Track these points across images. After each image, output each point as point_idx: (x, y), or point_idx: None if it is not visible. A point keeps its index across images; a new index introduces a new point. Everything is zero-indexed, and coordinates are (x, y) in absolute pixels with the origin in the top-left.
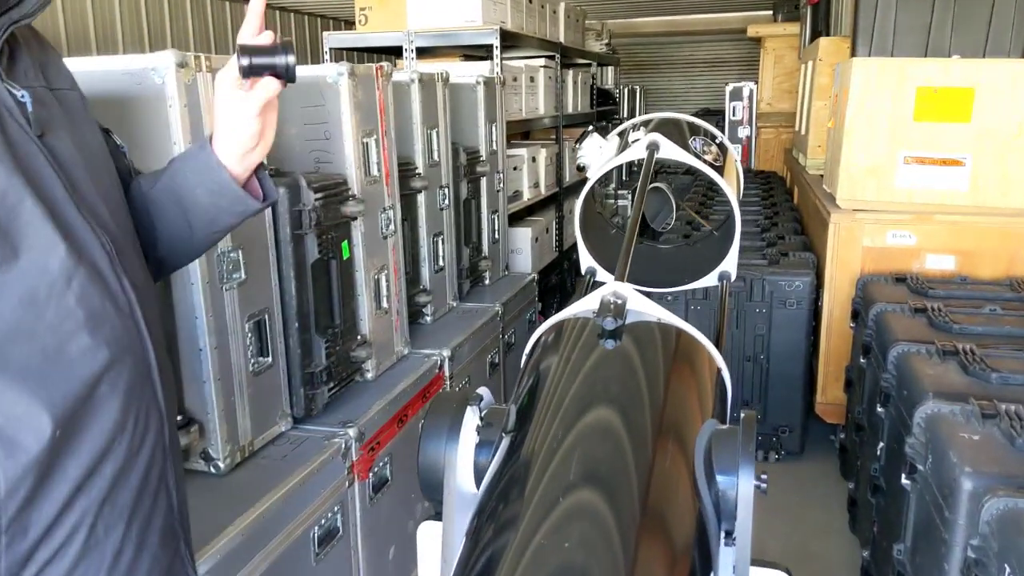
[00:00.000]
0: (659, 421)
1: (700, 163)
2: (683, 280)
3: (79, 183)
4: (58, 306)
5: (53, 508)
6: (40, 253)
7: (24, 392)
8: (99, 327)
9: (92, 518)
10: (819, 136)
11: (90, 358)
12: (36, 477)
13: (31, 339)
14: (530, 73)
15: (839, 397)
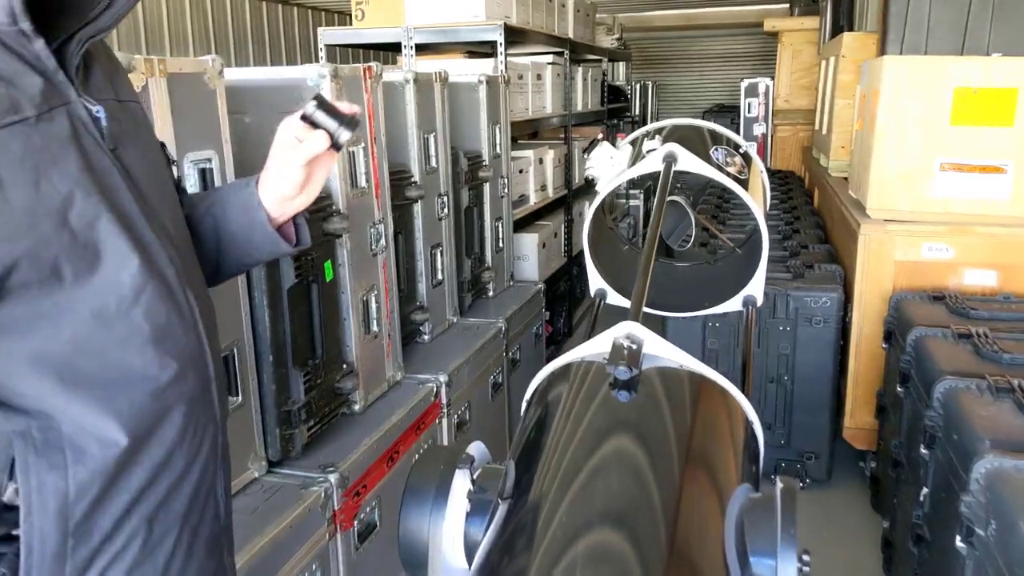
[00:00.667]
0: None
1: (724, 177)
2: (702, 303)
3: (148, 197)
4: (127, 320)
5: (115, 515)
6: (114, 268)
7: (94, 404)
8: (164, 341)
9: (148, 526)
10: (842, 136)
11: (156, 371)
12: (102, 485)
13: (101, 353)
14: (537, 70)
15: (869, 422)
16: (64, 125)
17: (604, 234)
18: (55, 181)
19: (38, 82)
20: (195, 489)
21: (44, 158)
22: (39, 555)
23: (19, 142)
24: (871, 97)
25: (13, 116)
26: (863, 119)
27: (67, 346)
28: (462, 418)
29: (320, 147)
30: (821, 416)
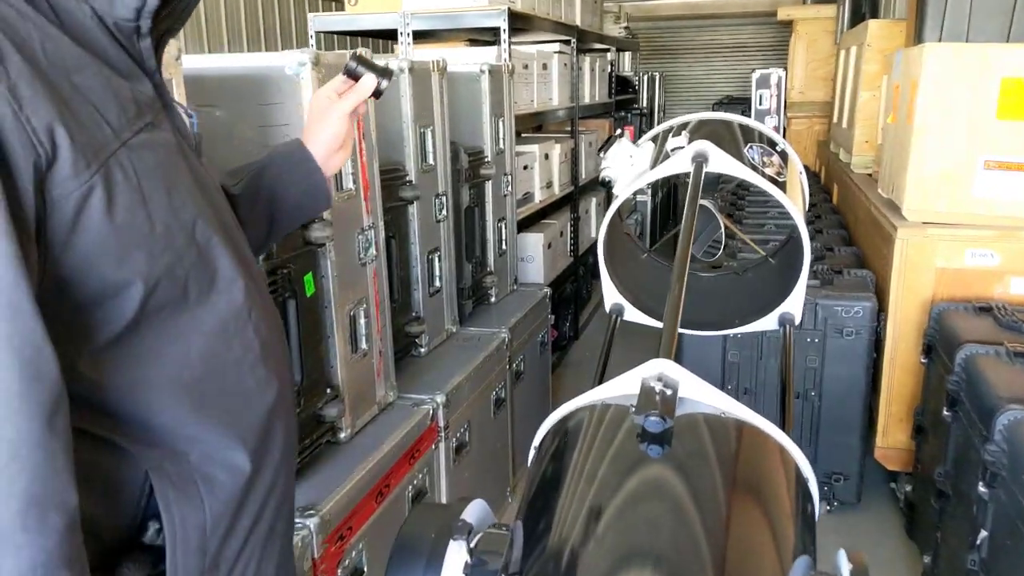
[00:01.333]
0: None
1: (762, 180)
2: (730, 320)
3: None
4: (242, 338)
5: (238, 543)
6: (227, 284)
7: (221, 429)
8: (269, 358)
9: (260, 550)
10: (867, 131)
11: (266, 390)
12: (231, 513)
13: (222, 374)
14: (543, 59)
15: (903, 441)
16: (169, 133)
17: (620, 242)
18: (182, 193)
19: (148, 84)
20: (291, 507)
21: (169, 168)
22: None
23: (149, 151)
24: (908, 88)
25: (140, 121)
26: (896, 113)
27: (198, 368)
28: (461, 440)
29: (368, 90)
30: (851, 434)
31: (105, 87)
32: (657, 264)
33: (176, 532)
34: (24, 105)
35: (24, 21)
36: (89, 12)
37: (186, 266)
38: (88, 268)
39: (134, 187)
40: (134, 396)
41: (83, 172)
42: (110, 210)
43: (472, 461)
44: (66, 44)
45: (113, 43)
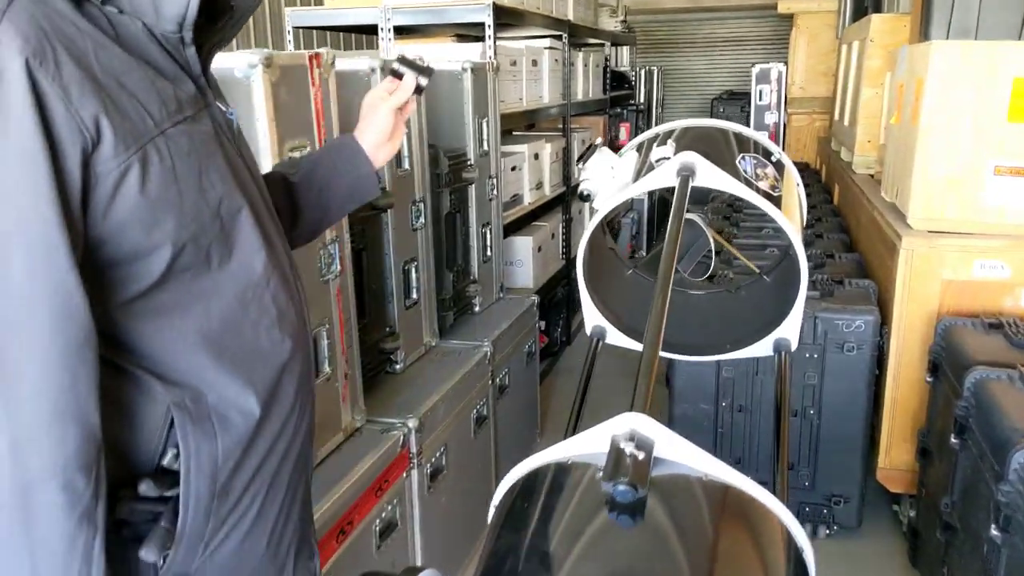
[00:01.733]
0: None
1: (754, 195)
2: (721, 343)
3: (263, 192)
4: (259, 304)
5: (246, 477)
6: (248, 256)
7: (236, 377)
8: (284, 322)
9: (266, 488)
10: (869, 130)
11: (279, 349)
12: (241, 450)
13: (239, 332)
14: (532, 56)
15: (907, 462)
16: (208, 125)
17: (603, 258)
18: (212, 175)
19: (191, 85)
20: (298, 457)
21: (202, 154)
22: (193, 512)
23: (185, 139)
24: (912, 87)
25: (180, 116)
26: (900, 113)
27: (217, 324)
28: (437, 465)
29: (410, 88)
30: (852, 455)
31: (150, 87)
32: (643, 281)
33: (191, 459)
34: (74, 101)
35: (82, 35)
36: (141, 26)
37: (210, 236)
38: (124, 231)
39: (168, 168)
40: (162, 342)
41: (122, 154)
42: (144, 185)
43: (450, 486)
44: (117, 52)
45: (161, 51)
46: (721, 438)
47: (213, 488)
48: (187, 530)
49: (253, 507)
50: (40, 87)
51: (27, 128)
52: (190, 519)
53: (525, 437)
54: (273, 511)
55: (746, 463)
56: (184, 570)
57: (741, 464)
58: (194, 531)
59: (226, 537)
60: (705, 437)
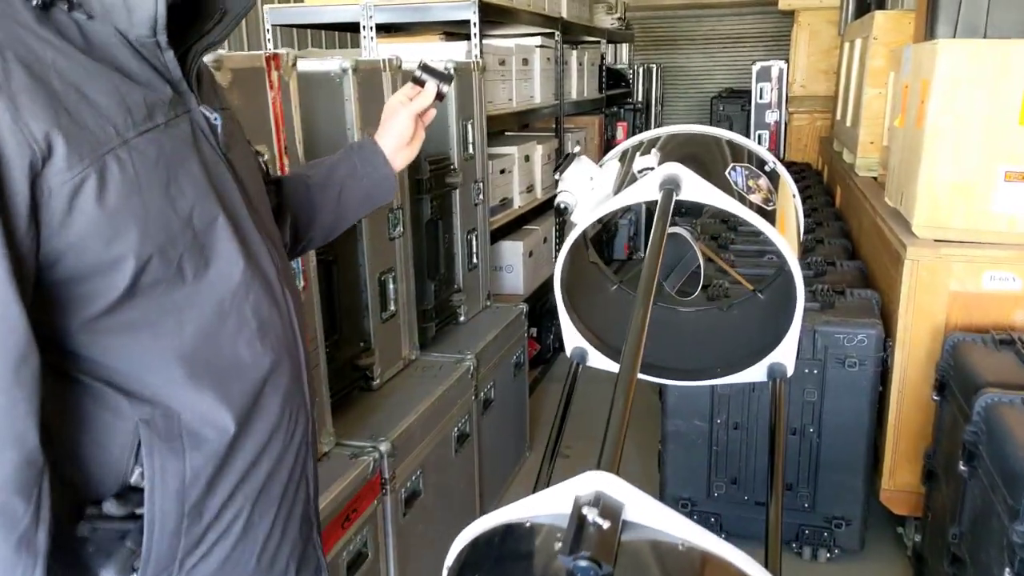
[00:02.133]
0: None
1: (744, 210)
2: (712, 367)
3: (252, 197)
4: (238, 315)
5: (223, 496)
6: (226, 265)
7: (209, 392)
8: (267, 334)
9: (251, 506)
10: (872, 131)
11: (259, 362)
12: (213, 468)
13: (216, 346)
14: (523, 54)
15: (911, 483)
16: (186, 131)
17: (584, 273)
18: (182, 184)
19: (168, 90)
20: (290, 472)
21: (173, 162)
22: (159, 532)
23: (154, 148)
24: (917, 89)
25: (149, 123)
26: (905, 115)
27: (191, 339)
28: (413, 489)
29: (431, 94)
30: (854, 475)
31: (115, 95)
32: (628, 297)
33: (155, 477)
34: (23, 113)
35: (42, 45)
36: (113, 31)
37: (180, 247)
38: (83, 244)
39: (130, 178)
40: (130, 358)
41: (76, 165)
42: (102, 196)
43: (427, 511)
44: (81, 61)
45: (135, 56)
46: (716, 457)
47: (181, 508)
48: (153, 550)
49: (236, 524)
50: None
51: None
52: (155, 539)
53: (513, 453)
54: (263, 528)
55: (742, 483)
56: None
57: (737, 484)
58: (161, 552)
59: (206, 555)
60: (699, 455)
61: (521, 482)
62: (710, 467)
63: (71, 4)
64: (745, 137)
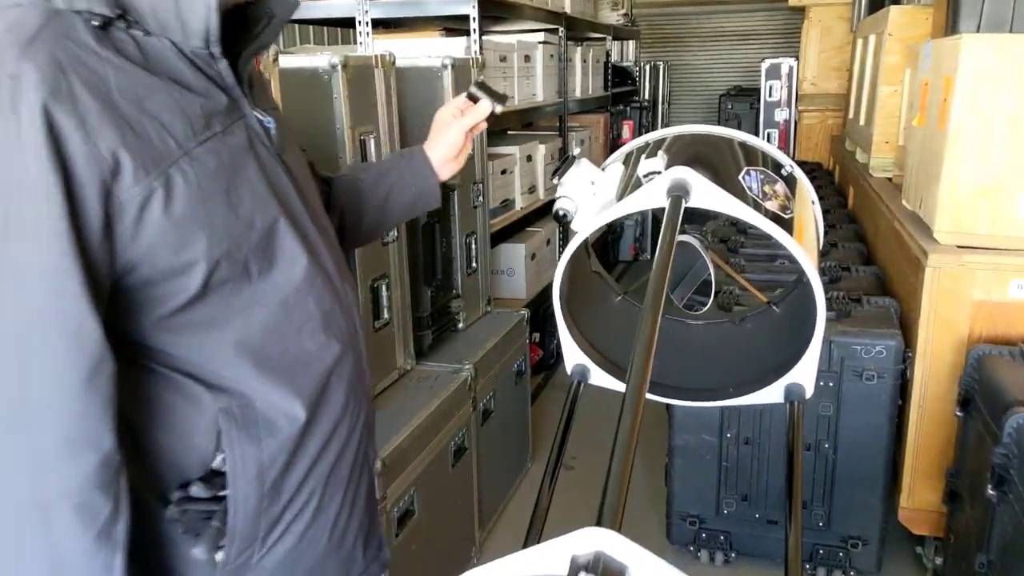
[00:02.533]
0: None
1: (760, 218)
2: (726, 383)
3: (308, 196)
4: (302, 309)
5: (297, 478)
6: (289, 264)
7: (279, 383)
8: (330, 326)
9: (322, 487)
10: (887, 130)
11: (324, 353)
12: (288, 453)
13: (282, 339)
14: (525, 51)
15: (932, 502)
16: (242, 137)
17: (586, 283)
18: (241, 190)
19: (223, 98)
20: (355, 455)
21: (232, 169)
22: (243, 512)
23: (213, 157)
24: (939, 87)
25: (207, 132)
26: (924, 114)
27: (259, 334)
28: (406, 509)
29: (484, 113)
30: (871, 493)
31: (175, 108)
32: (633, 309)
33: (236, 462)
34: (91, 133)
35: (103, 64)
36: (169, 44)
37: (245, 249)
38: (154, 253)
39: (194, 188)
40: (205, 352)
41: (143, 179)
42: (168, 207)
43: (421, 531)
44: (140, 77)
45: (191, 67)
46: (726, 472)
47: (261, 489)
48: (237, 529)
49: (310, 505)
50: (56, 122)
51: (43, 163)
52: (239, 519)
53: (514, 465)
54: (333, 507)
55: (753, 500)
56: (243, 565)
57: (748, 502)
58: (245, 530)
59: (284, 533)
60: (708, 471)
61: (523, 495)
62: (719, 483)
63: (128, 22)
64: (759, 138)
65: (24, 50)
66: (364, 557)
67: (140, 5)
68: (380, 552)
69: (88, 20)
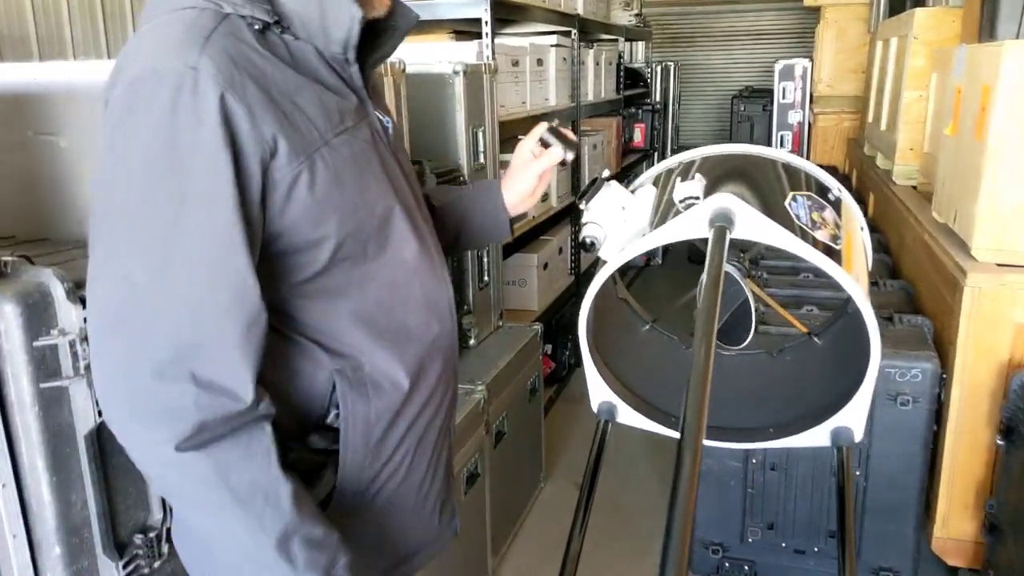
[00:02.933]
0: None
1: (815, 254)
2: (765, 424)
3: (415, 191)
4: (409, 289)
5: (396, 439)
6: (399, 248)
7: (387, 351)
8: (431, 306)
9: (414, 449)
10: (912, 136)
11: (425, 330)
12: (391, 414)
13: (391, 313)
14: (537, 54)
15: (967, 532)
16: (367, 134)
17: (613, 312)
18: (367, 179)
19: (353, 98)
20: (441, 425)
21: (360, 160)
22: (351, 464)
23: (347, 148)
24: (975, 96)
25: (342, 126)
26: (958, 123)
27: (372, 306)
28: None
29: (555, 159)
30: (904, 522)
31: (317, 103)
32: (662, 339)
33: (348, 418)
34: (257, 118)
35: (264, 61)
36: (313, 50)
37: (367, 230)
38: (296, 226)
39: (332, 172)
40: (326, 318)
41: (293, 161)
42: (312, 188)
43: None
44: (291, 75)
45: (329, 70)
46: (751, 500)
47: (367, 444)
48: (346, 478)
49: (403, 465)
50: (230, 108)
51: (218, 141)
52: (347, 469)
53: (527, 485)
54: (420, 471)
55: (780, 529)
56: (346, 514)
57: (774, 530)
58: (352, 479)
59: (382, 487)
60: (733, 498)
61: (535, 516)
62: (744, 510)
63: (282, 27)
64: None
65: (203, 46)
66: (439, 522)
67: (290, 14)
68: (453, 520)
69: (251, 24)
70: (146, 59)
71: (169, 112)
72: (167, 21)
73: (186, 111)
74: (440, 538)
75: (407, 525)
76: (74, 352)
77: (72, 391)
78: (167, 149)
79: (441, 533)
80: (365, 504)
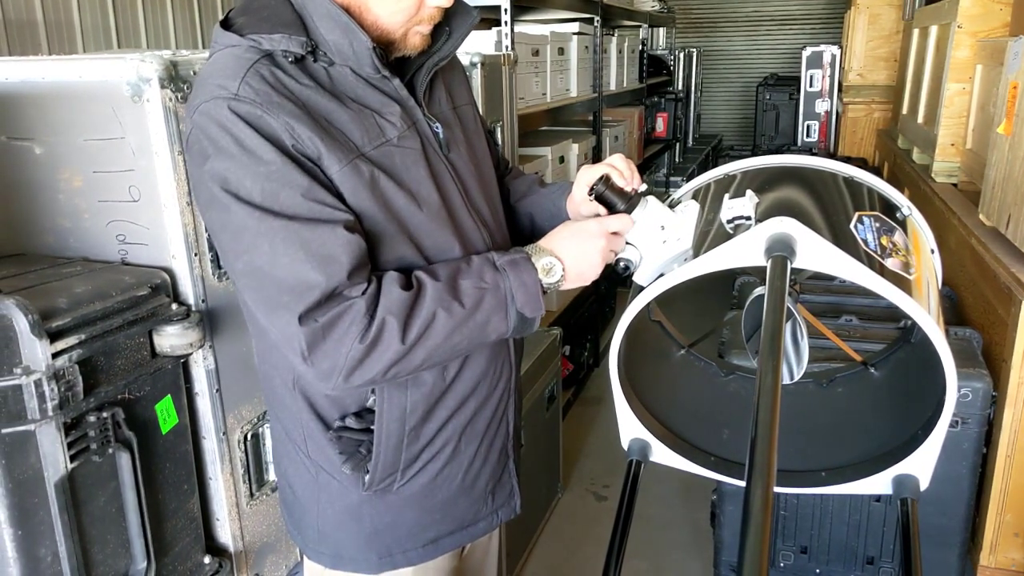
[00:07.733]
0: None
1: (888, 287)
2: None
3: (470, 190)
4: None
5: (436, 425)
6: (441, 250)
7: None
8: None
9: (458, 436)
10: (954, 131)
11: None
12: (429, 403)
13: None
14: (559, 43)
15: (1017, 561)
16: (416, 141)
17: (644, 335)
18: (410, 184)
19: (397, 110)
20: (493, 413)
21: (401, 168)
22: (385, 445)
23: (386, 159)
24: None
25: (381, 139)
26: (1013, 122)
27: None
28: None
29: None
30: (950, 549)
31: (352, 121)
32: (699, 365)
33: (383, 403)
34: (296, 131)
35: (301, 87)
36: (350, 72)
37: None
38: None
39: (365, 180)
40: None
41: (335, 165)
42: (354, 190)
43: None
44: (326, 97)
45: (368, 87)
46: (784, 522)
47: (402, 429)
48: (380, 458)
49: (446, 449)
50: (270, 126)
51: (271, 151)
52: (382, 450)
53: (544, 497)
54: (467, 455)
55: (814, 554)
56: (386, 489)
57: (807, 555)
58: (387, 460)
59: (422, 469)
60: None
61: (553, 527)
62: (776, 533)
63: (315, 56)
64: (867, 171)
65: (246, 76)
66: (492, 502)
67: (326, 43)
68: (510, 500)
69: (287, 56)
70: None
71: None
72: (219, 56)
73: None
74: (494, 515)
75: (455, 504)
76: (40, 393)
77: (40, 436)
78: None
79: (495, 512)
80: (405, 483)
